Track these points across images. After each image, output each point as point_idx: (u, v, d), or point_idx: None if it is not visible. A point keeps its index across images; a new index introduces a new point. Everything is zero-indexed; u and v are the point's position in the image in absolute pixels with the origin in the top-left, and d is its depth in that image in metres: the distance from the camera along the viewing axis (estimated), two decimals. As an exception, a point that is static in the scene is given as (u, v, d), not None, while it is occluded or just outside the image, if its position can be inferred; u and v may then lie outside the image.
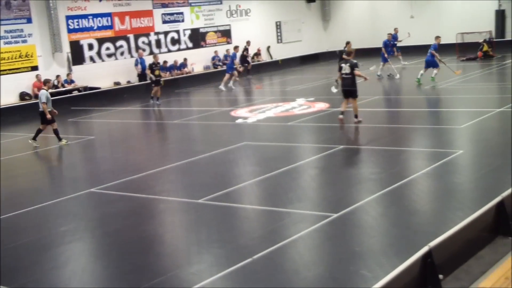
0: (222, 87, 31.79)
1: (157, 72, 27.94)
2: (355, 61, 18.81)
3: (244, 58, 36.66)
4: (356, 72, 18.62)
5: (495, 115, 18.39)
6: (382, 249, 9.08)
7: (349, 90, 18.78)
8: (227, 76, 32.09)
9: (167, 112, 26.28)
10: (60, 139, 19.71)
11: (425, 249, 7.43)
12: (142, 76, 33.61)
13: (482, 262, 8.22)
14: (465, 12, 38.89)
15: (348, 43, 29.99)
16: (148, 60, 33.21)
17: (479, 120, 17.69)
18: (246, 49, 37.32)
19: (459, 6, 39.62)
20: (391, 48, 31.98)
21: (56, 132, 19.73)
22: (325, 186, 13.10)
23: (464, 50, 36.80)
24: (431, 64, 26.15)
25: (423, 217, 10.53)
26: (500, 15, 38.55)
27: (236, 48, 33.27)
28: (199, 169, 15.32)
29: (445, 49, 35.89)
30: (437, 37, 26.80)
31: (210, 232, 10.52)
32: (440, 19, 39.53)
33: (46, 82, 20.53)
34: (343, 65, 18.87)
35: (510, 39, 38.15)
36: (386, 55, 30.79)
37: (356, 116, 18.81)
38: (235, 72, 32.27)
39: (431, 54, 25.93)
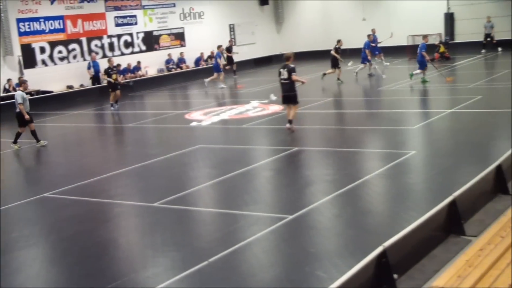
0: (222, 85, 32.02)
1: (114, 77, 27.32)
2: (292, 65, 17.86)
3: (229, 58, 36.40)
4: (294, 77, 17.73)
5: (446, 116, 18.68)
6: (337, 250, 9.16)
7: (288, 95, 18.05)
8: (221, 75, 32.23)
9: (121, 115, 26.07)
10: (38, 140, 19.67)
11: (379, 249, 7.51)
12: (95, 79, 33.33)
13: (435, 261, 8.35)
14: (415, 15, 39.36)
15: (339, 41, 30.12)
16: (102, 63, 33.01)
17: (431, 121, 17.95)
18: (228, 48, 37.07)
19: (409, 9, 40.10)
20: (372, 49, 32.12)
21: (33, 133, 19.64)
22: (280, 188, 13.14)
23: (415, 52, 37.21)
24: (424, 64, 25.99)
25: (378, 218, 10.64)
26: (449, 18, 39.15)
27: (219, 47, 33.48)
28: (154, 172, 15.24)
29: (396, 51, 36.49)
30: (425, 37, 26.51)
31: (166, 236, 10.49)
32: (391, 22, 39.93)
33: (22, 83, 20.27)
34: (281, 70, 17.99)
35: (459, 41, 38.79)
36: (369, 57, 30.76)
37: (290, 122, 18.03)
38: (223, 72, 32.47)
39: (422, 54, 25.73)
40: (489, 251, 7.26)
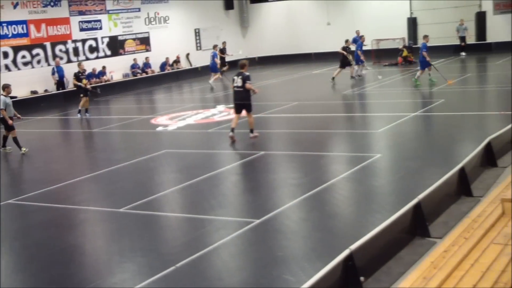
0: (211, 82, 32.93)
1: (84, 82, 26.73)
2: (247, 73, 17.64)
3: (222, 59, 36.39)
4: (247, 85, 17.45)
5: (410, 119, 18.88)
6: (304, 254, 9.20)
7: (242, 104, 17.75)
8: (217, 75, 33.14)
9: (86, 121, 25.86)
10: (4, 146, 19.40)
11: (346, 252, 7.57)
12: (59, 84, 33.06)
13: (401, 263, 8.44)
14: (379, 19, 39.69)
15: (347, 41, 30.35)
16: (66, 68, 32.78)
17: (395, 124, 18.12)
18: (222, 50, 36.89)
19: (373, 13, 40.45)
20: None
21: (4, 139, 19.33)
22: (247, 192, 13.17)
23: (380, 56, 37.67)
24: (424, 65, 26.10)
25: (344, 221, 10.73)
26: (412, 23, 39.60)
27: (215, 46, 33.97)
28: (120, 177, 15.17)
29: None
30: (425, 36, 26.70)
31: (132, 241, 10.44)
32: (356, 26, 40.20)
33: (5, 87, 19.65)
34: (235, 77, 17.76)
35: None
36: (362, 57, 31.11)
37: (251, 131, 17.91)
38: (219, 72, 33.20)
39: (422, 54, 25.78)
40: (453, 252, 7.37)
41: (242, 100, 17.73)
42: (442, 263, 7.08)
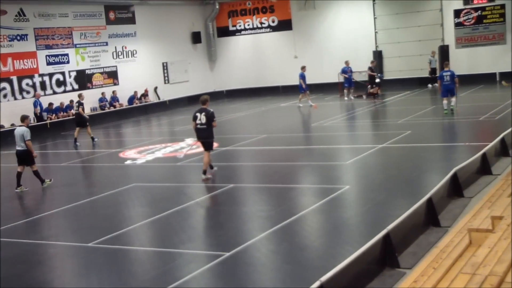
0: (300, 104, 33.75)
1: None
2: (211, 110, 16.78)
3: (371, 78, 35.77)
4: (215, 123, 16.74)
5: (377, 151, 19.05)
6: (275, 286, 9.20)
7: (206, 142, 16.94)
8: (303, 95, 33.75)
9: (54, 154, 25.66)
10: (43, 181, 18.58)
11: (316, 284, 7.59)
12: (39, 118, 32.88)
13: (371, 294, 8.49)
14: (345, 53, 39.97)
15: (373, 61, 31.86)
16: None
17: (363, 156, 18.27)
18: (370, 69, 36.04)
19: (340, 46, 40.85)
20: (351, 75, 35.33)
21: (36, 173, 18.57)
22: (217, 225, 13.15)
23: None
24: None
25: (314, 253, 10.76)
26: (378, 56, 40.11)
27: (303, 68, 34.23)
28: (88, 212, 15.05)
29: (328, 88, 37.10)
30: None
31: (101, 276, 10.36)
32: (323, 60, 40.70)
33: (24, 118, 18.84)
34: (197, 114, 16.75)
35: (388, 78, 39.68)
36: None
37: (204, 172, 16.92)
38: (307, 92, 33.62)
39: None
40: (422, 282, 7.43)
41: (206, 138, 16.92)
42: (412, 293, 7.15)
